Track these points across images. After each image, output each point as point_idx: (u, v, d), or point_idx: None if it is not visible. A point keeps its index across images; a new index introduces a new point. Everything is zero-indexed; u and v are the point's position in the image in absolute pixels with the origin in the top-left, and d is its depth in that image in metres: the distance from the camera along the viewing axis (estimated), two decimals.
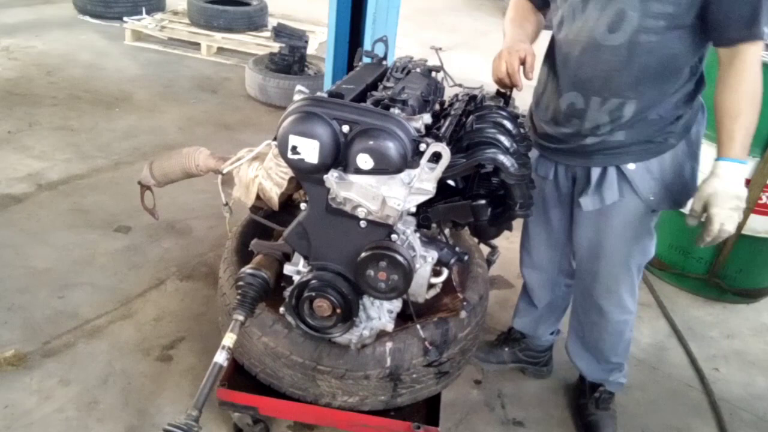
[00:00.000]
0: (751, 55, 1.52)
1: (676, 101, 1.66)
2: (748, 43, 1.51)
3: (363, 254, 1.41)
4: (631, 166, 1.71)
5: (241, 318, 1.46)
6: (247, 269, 1.51)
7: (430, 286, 1.57)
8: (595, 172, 1.75)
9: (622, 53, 1.59)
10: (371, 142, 1.30)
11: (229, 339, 1.41)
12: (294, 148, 1.33)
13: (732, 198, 1.54)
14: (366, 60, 1.88)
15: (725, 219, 1.55)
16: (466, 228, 1.75)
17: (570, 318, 2.16)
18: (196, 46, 5.35)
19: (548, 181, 1.91)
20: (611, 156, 1.72)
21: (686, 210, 1.68)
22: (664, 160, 1.70)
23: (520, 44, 1.77)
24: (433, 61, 1.95)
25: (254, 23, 5.65)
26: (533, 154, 1.83)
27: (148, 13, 5.77)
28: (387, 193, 1.33)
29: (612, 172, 1.73)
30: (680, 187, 1.74)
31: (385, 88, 1.64)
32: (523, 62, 1.73)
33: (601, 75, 1.64)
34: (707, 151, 1.75)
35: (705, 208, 1.57)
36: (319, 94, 1.39)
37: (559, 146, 1.81)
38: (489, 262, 2.08)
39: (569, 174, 1.87)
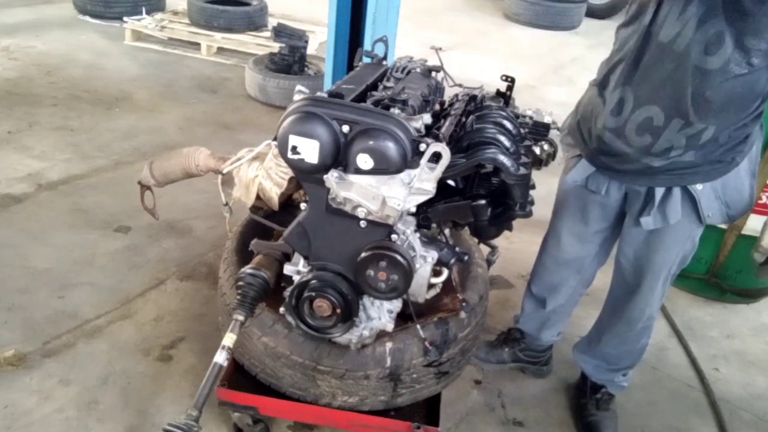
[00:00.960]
0: None
1: (747, 122, 1.59)
2: None
3: (363, 254, 1.41)
4: (699, 187, 1.66)
5: (241, 318, 1.46)
6: (247, 269, 1.51)
7: (430, 286, 1.57)
8: (659, 192, 1.69)
9: (716, 79, 1.48)
10: (371, 142, 1.30)
11: (229, 339, 1.41)
12: (294, 148, 1.33)
13: None
14: (366, 60, 1.88)
15: None
16: (466, 228, 1.75)
17: (592, 327, 2.18)
18: (196, 46, 5.35)
19: (597, 196, 1.85)
20: (679, 176, 1.66)
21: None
22: (727, 179, 1.65)
23: None
24: (433, 61, 1.95)
25: (254, 23, 5.65)
26: (584, 167, 1.82)
27: (148, 13, 5.76)
28: (387, 193, 1.33)
29: (677, 191, 1.68)
30: (738, 204, 1.70)
31: (385, 88, 1.64)
32: None
33: (691, 98, 1.52)
34: None
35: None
36: (319, 94, 1.39)
37: (621, 166, 1.72)
38: (489, 262, 2.08)
39: (622, 189, 1.80)
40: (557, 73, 5.90)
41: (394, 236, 1.42)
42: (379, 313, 1.58)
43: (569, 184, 1.90)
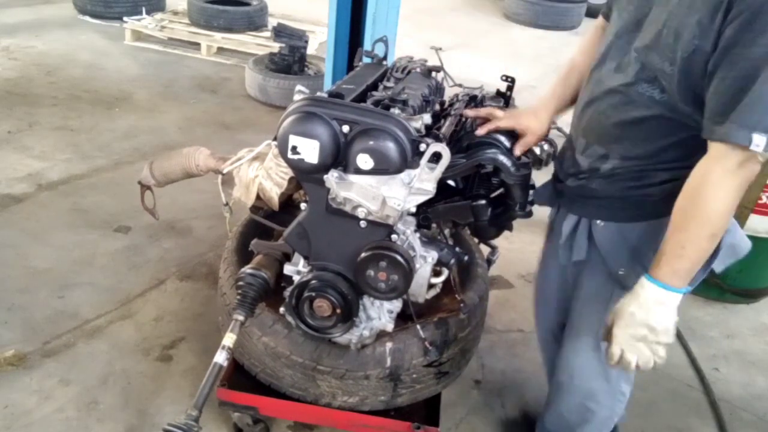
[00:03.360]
0: (709, 160, 1.19)
1: (655, 166, 1.38)
2: (715, 143, 1.18)
3: (363, 254, 1.41)
4: (599, 223, 1.46)
5: (241, 318, 1.46)
6: (247, 269, 1.51)
7: (430, 286, 1.57)
8: (570, 221, 1.54)
9: (616, 97, 1.37)
10: (371, 142, 1.30)
11: (229, 339, 1.41)
12: (294, 148, 1.33)
13: (639, 325, 1.26)
14: (366, 60, 1.88)
15: (626, 347, 1.29)
16: (467, 228, 1.75)
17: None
18: (196, 46, 5.35)
19: (551, 228, 1.70)
20: (583, 205, 1.51)
21: None
22: (647, 231, 1.40)
23: (526, 114, 1.59)
24: (433, 61, 1.95)
25: (254, 23, 5.65)
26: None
27: (148, 13, 5.76)
28: (387, 193, 1.33)
29: (583, 225, 1.51)
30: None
31: (385, 88, 1.64)
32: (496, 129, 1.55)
33: (592, 116, 1.44)
34: None
35: (610, 326, 1.32)
36: (319, 94, 1.39)
37: (556, 184, 1.61)
38: (489, 262, 2.08)
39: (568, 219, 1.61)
40: (557, 73, 5.90)
41: (394, 236, 1.42)
42: (379, 313, 1.58)
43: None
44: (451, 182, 1.55)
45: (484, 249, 2.11)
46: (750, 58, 1.12)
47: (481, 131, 1.54)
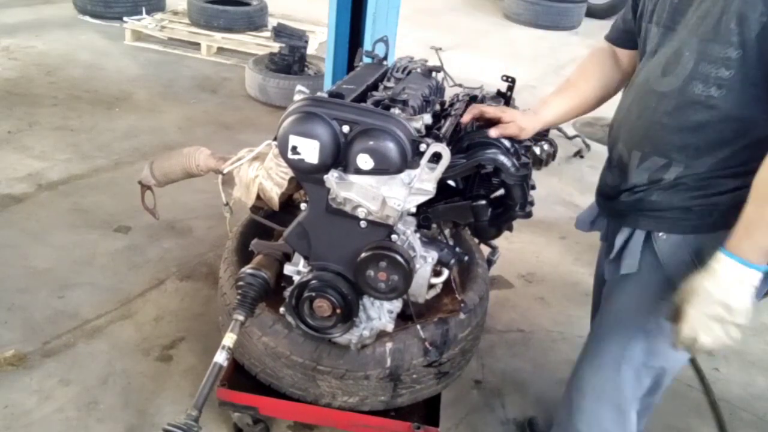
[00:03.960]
0: None
1: (728, 170, 1.29)
2: None
3: (363, 254, 1.41)
4: (662, 236, 1.37)
5: (241, 318, 1.46)
6: (247, 269, 1.51)
7: (431, 286, 1.57)
8: (622, 235, 1.44)
9: (670, 102, 1.29)
10: (371, 143, 1.30)
11: (229, 339, 1.41)
12: (294, 148, 1.33)
13: (714, 303, 1.17)
14: (366, 60, 1.88)
15: (699, 327, 1.20)
16: (467, 228, 1.75)
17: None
18: (196, 46, 5.35)
19: (602, 242, 1.62)
20: (640, 218, 1.41)
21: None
22: (714, 242, 1.24)
23: (522, 112, 1.55)
24: (433, 61, 1.95)
25: (254, 23, 5.65)
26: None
27: (148, 13, 5.77)
28: (387, 194, 1.33)
29: (638, 237, 1.41)
30: None
31: (385, 88, 1.64)
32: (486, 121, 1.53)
33: (647, 126, 1.35)
34: None
35: (681, 304, 1.24)
36: (319, 94, 1.39)
37: (606, 202, 1.53)
38: (490, 263, 2.08)
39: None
40: (557, 73, 5.89)
41: (394, 236, 1.42)
42: (379, 314, 1.58)
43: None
44: (451, 182, 1.55)
45: (485, 249, 2.10)
46: None
47: (465, 118, 1.54)
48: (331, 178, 1.35)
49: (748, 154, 1.23)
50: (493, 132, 1.49)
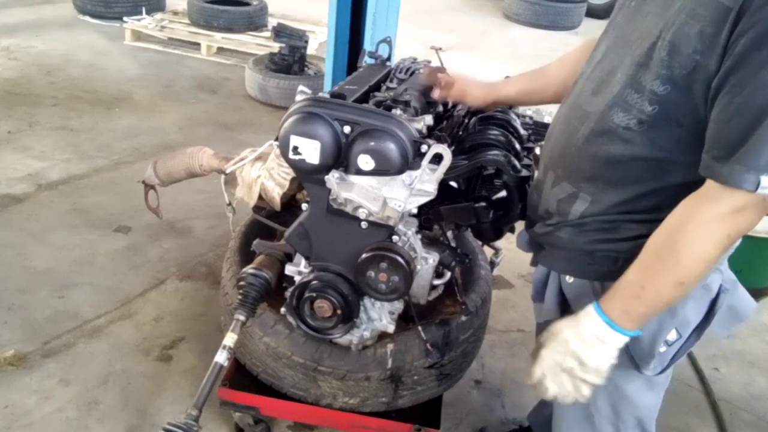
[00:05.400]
0: (700, 199, 1.01)
1: (640, 213, 1.16)
2: (713, 180, 0.99)
3: (364, 255, 1.41)
4: (568, 279, 1.28)
5: (242, 318, 1.46)
6: (248, 269, 1.51)
7: (432, 287, 1.57)
8: (538, 273, 1.39)
9: (589, 125, 1.16)
10: (372, 143, 1.30)
11: (230, 339, 1.41)
12: (295, 149, 1.33)
13: (568, 355, 1.11)
14: (369, 61, 1.88)
15: (548, 373, 1.14)
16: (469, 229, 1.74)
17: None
18: (196, 46, 5.35)
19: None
20: (554, 258, 1.32)
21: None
22: None
23: (476, 82, 1.56)
24: (433, 62, 1.95)
25: (254, 23, 5.64)
26: None
27: (148, 13, 5.76)
28: (388, 195, 1.33)
29: (553, 279, 1.33)
30: (639, 342, 1.19)
31: (387, 89, 1.64)
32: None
33: (564, 146, 1.23)
34: None
35: (541, 345, 1.18)
36: (321, 94, 1.39)
37: (528, 228, 1.43)
38: (493, 264, 2.07)
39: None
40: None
41: (395, 237, 1.42)
42: (380, 315, 1.58)
43: None
44: (453, 183, 1.55)
45: (488, 251, 2.10)
46: (761, 81, 0.91)
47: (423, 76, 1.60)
48: (332, 178, 1.34)
49: (658, 200, 1.12)
50: (434, 93, 1.54)
